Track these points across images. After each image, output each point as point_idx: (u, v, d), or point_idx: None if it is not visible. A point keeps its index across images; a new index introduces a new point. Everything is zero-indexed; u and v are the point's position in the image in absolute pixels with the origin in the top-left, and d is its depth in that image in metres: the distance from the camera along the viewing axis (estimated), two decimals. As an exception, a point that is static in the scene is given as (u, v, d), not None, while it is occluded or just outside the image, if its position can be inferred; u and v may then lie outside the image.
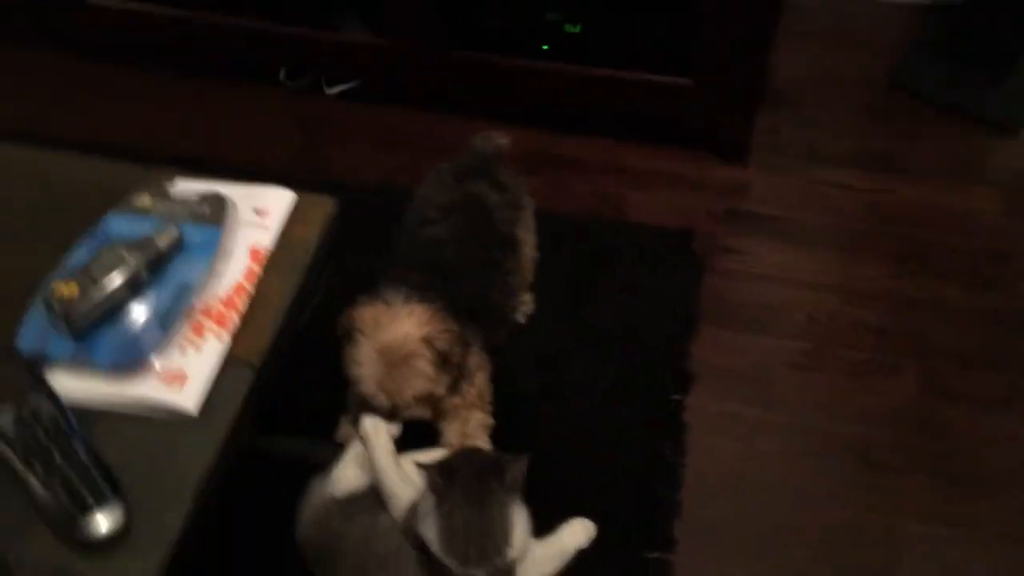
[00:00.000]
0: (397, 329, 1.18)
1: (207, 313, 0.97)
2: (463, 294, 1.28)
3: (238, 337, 0.96)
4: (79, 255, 1.00)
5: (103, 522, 0.81)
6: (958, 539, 1.37)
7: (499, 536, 0.99)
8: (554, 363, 1.58)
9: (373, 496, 1.17)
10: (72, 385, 0.92)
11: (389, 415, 1.21)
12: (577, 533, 1.20)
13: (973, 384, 1.55)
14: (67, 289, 0.95)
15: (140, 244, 0.99)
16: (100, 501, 0.82)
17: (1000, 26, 1.88)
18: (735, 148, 1.90)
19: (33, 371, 0.91)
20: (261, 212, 1.06)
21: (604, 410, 1.53)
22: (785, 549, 1.37)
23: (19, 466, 0.84)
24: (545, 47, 1.85)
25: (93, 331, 0.94)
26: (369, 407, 1.21)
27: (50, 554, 0.81)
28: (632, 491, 1.43)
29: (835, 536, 1.39)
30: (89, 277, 0.96)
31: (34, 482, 0.83)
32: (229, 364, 0.94)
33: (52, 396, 0.89)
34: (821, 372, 1.59)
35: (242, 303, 0.98)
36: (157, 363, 0.93)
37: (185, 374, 0.92)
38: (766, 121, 1.96)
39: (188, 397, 0.91)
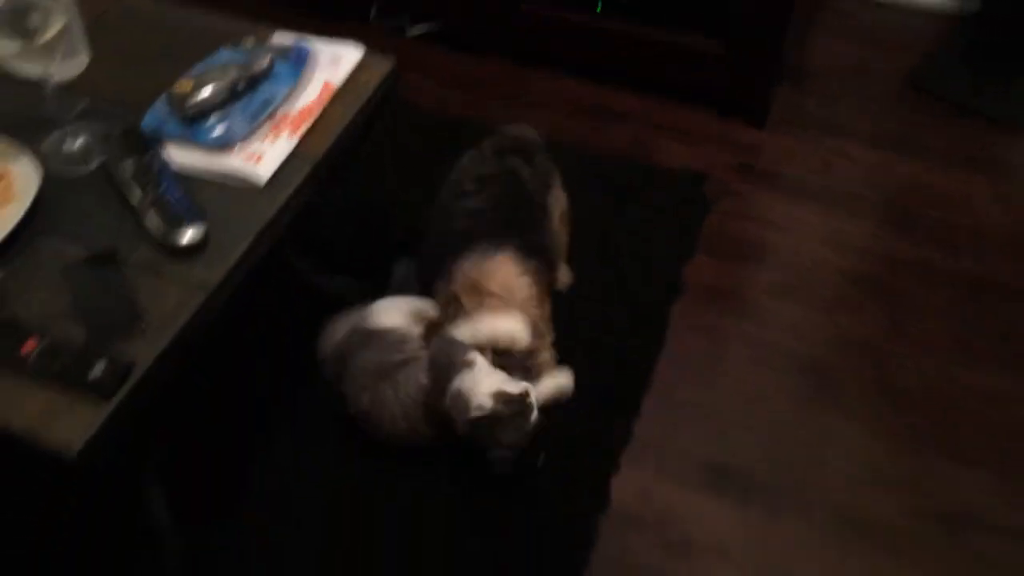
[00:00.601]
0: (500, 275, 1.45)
1: (284, 120, 1.26)
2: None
3: (304, 140, 1.25)
4: (196, 69, 1.31)
5: (188, 235, 1.11)
6: (879, 442, 1.58)
7: None
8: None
9: (392, 338, 1.46)
10: (179, 155, 1.22)
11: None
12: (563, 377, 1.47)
13: (927, 333, 1.75)
14: (183, 88, 1.26)
15: (241, 66, 1.29)
16: (189, 220, 1.11)
17: (1012, 33, 2.08)
18: (757, 113, 2.15)
19: (151, 139, 1.21)
20: (336, 60, 1.36)
21: (599, 303, 1.78)
22: (732, 434, 1.60)
23: (136, 196, 1.14)
24: (598, 8, 2.13)
25: (199, 120, 1.25)
26: None
27: (150, 256, 1.11)
28: (611, 366, 1.68)
29: (779, 429, 1.61)
30: (200, 81, 1.27)
31: (145, 206, 1.13)
32: (294, 156, 1.23)
33: (160, 154, 1.19)
34: (795, 302, 1.81)
35: (311, 119, 1.28)
36: (241, 147, 1.23)
37: (261, 156, 1.22)
38: (791, 96, 2.20)
39: (261, 171, 1.20)
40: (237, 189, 1.19)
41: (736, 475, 1.54)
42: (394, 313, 1.51)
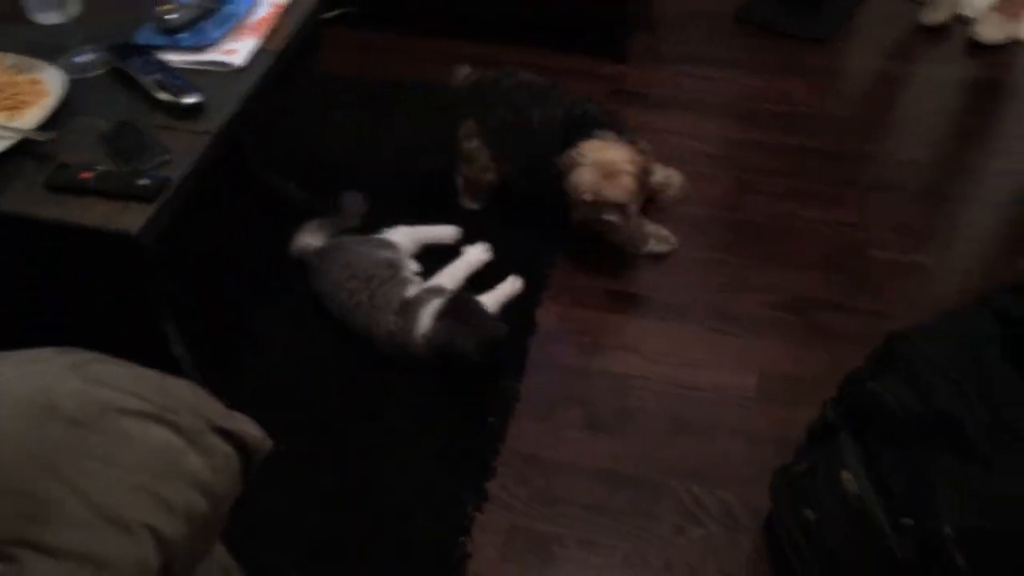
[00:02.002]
0: (613, 154, 1.82)
1: (247, 27, 1.64)
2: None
3: (266, 40, 1.63)
4: (171, -1, 1.68)
5: (191, 99, 1.46)
6: (739, 262, 2.03)
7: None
8: None
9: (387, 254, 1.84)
10: (169, 57, 1.58)
11: (591, 212, 1.84)
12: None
13: (769, 184, 2.22)
14: (165, 9, 1.63)
15: (211, -6, 1.67)
16: (189, 91, 1.47)
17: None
18: (619, 51, 2.62)
19: (144, 47, 1.57)
20: (283, -11, 1.75)
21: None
22: (629, 268, 2.00)
23: (145, 81, 1.50)
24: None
25: (179, 32, 1.62)
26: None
27: (163, 119, 1.46)
28: (532, 234, 2.08)
29: (664, 262, 2.03)
30: (178, 4, 1.64)
31: (154, 86, 1.49)
32: (261, 51, 1.60)
33: (156, 54, 1.55)
34: (665, 178, 2.25)
35: (269, 26, 1.66)
36: (217, 46, 1.60)
37: (236, 50, 1.59)
38: (644, 40, 2.69)
39: (236, 60, 1.57)
40: (221, 73, 1.55)
41: (631, 297, 1.95)
42: (401, 236, 1.90)
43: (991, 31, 2.58)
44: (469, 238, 2.01)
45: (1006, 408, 1.15)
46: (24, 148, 1.37)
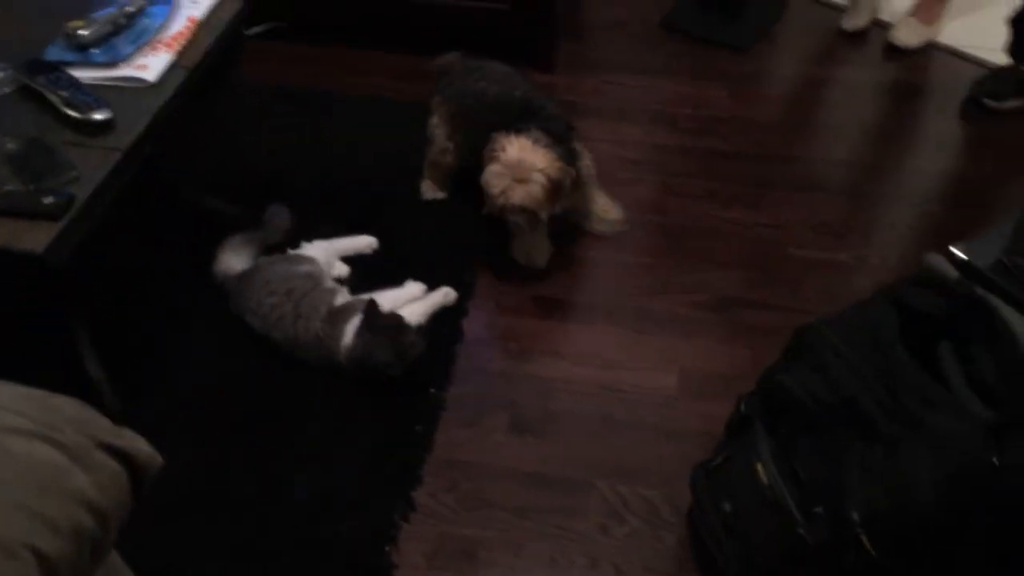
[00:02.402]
0: (531, 157, 1.79)
1: (160, 43, 1.63)
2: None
3: (180, 56, 1.62)
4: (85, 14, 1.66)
5: (100, 115, 1.45)
6: (662, 264, 2.06)
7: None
8: (405, 159, 2.26)
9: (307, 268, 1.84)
10: (80, 73, 1.57)
11: (499, 212, 1.82)
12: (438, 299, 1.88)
13: (690, 187, 2.26)
14: (75, 24, 1.62)
15: (120, 7, 1.66)
16: (99, 107, 1.46)
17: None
18: (545, 60, 2.65)
19: (55, 64, 1.56)
20: (198, 2, 1.74)
21: (434, 205, 2.20)
22: (552, 273, 2.03)
23: (54, 98, 1.48)
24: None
25: (90, 48, 1.60)
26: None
27: (73, 136, 1.45)
28: (448, 243, 2.09)
29: (586, 268, 2.06)
30: (88, 20, 1.63)
31: (62, 103, 1.47)
32: (174, 66, 1.59)
33: (66, 71, 1.54)
34: (590, 184, 2.28)
35: (183, 41, 1.65)
36: (129, 61, 1.59)
37: (148, 66, 1.58)
38: (571, 48, 2.72)
39: (148, 76, 1.56)
40: (133, 89, 1.55)
41: (556, 302, 1.97)
42: (318, 250, 1.91)
43: (908, 36, 2.66)
44: (392, 248, 2.02)
45: (904, 393, 1.19)
46: (-76, 168, 1.35)
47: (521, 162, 1.78)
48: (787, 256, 2.06)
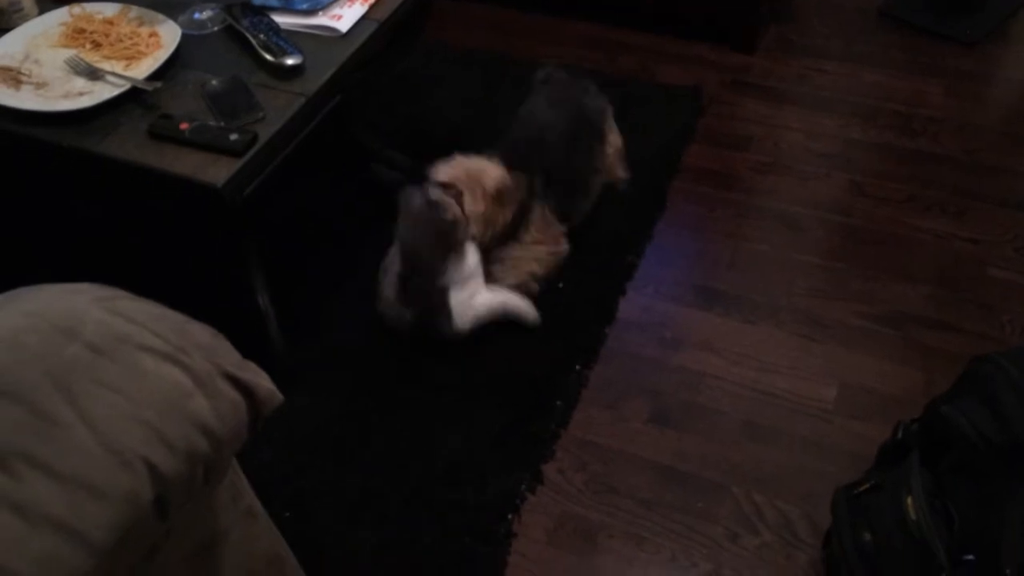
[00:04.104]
0: (479, 166, 1.77)
1: (357, -5, 1.69)
2: (549, 160, 1.80)
3: (372, 8, 1.66)
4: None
5: (291, 60, 1.52)
6: (839, 267, 1.94)
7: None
8: None
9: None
10: (281, 19, 1.64)
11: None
12: (524, 307, 1.78)
13: (883, 189, 2.10)
14: (281, -27, 1.69)
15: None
16: (292, 52, 1.53)
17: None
18: (747, 41, 2.53)
19: (259, 8, 1.64)
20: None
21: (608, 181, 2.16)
22: (718, 267, 1.95)
23: (254, 40, 1.56)
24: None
25: (293, -3, 1.68)
26: None
27: (265, 77, 1.52)
28: (620, 223, 2.05)
29: (756, 262, 1.97)
30: (294, -31, 1.70)
31: (260, 45, 1.55)
32: (365, 18, 1.64)
33: (268, 16, 1.61)
34: (775, 175, 2.17)
35: (377, -5, 1.69)
36: (325, 11, 1.65)
37: (341, 16, 1.63)
38: (776, 31, 2.58)
39: (341, 25, 1.61)
40: (325, 38, 1.60)
41: (720, 294, 1.89)
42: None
43: None
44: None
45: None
46: (134, 96, 1.46)
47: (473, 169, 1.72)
48: (985, 276, 1.88)
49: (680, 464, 1.60)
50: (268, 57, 1.53)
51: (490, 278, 1.78)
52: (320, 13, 1.63)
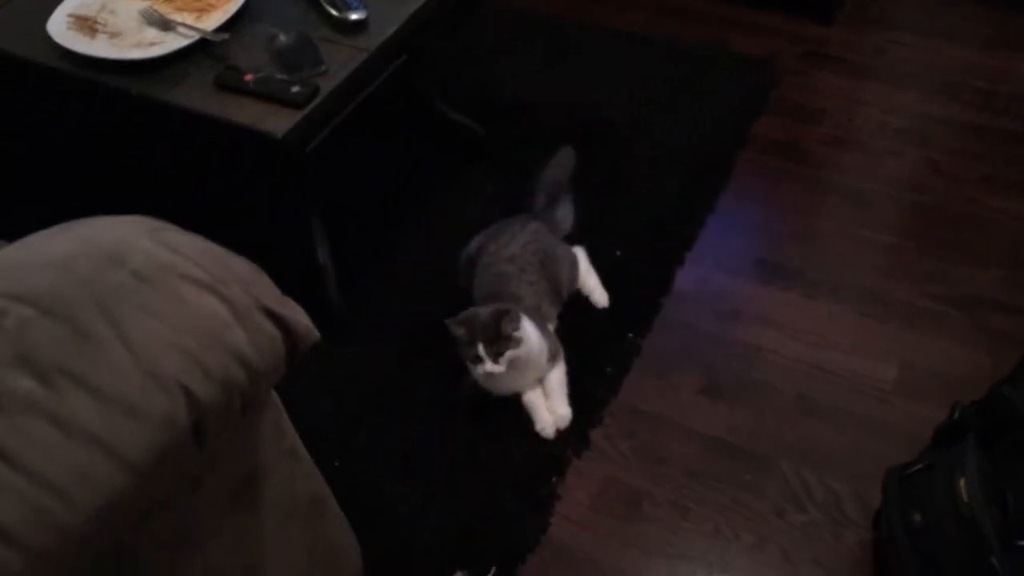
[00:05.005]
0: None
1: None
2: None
3: (439, -33, 1.66)
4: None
5: (356, 15, 1.53)
6: (908, 246, 1.87)
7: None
8: (656, 101, 2.22)
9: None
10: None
11: None
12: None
13: (960, 168, 2.02)
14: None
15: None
16: (357, 7, 1.54)
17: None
18: (825, 11, 2.46)
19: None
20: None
21: (673, 150, 2.13)
22: (781, 240, 1.92)
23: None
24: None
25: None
26: None
27: (329, 32, 1.53)
28: (681, 192, 2.02)
29: (821, 236, 1.92)
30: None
31: (325, 2, 1.56)
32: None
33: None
34: (845, 150, 2.11)
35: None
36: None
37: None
38: (856, 2, 2.50)
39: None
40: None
41: (781, 268, 1.85)
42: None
43: None
44: (626, 189, 1.97)
45: None
46: (203, 47, 1.49)
47: None
48: (1064, 262, 1.80)
49: (729, 437, 1.58)
50: (333, 12, 1.54)
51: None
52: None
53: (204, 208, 1.77)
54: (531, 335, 1.53)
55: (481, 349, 1.47)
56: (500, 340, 1.47)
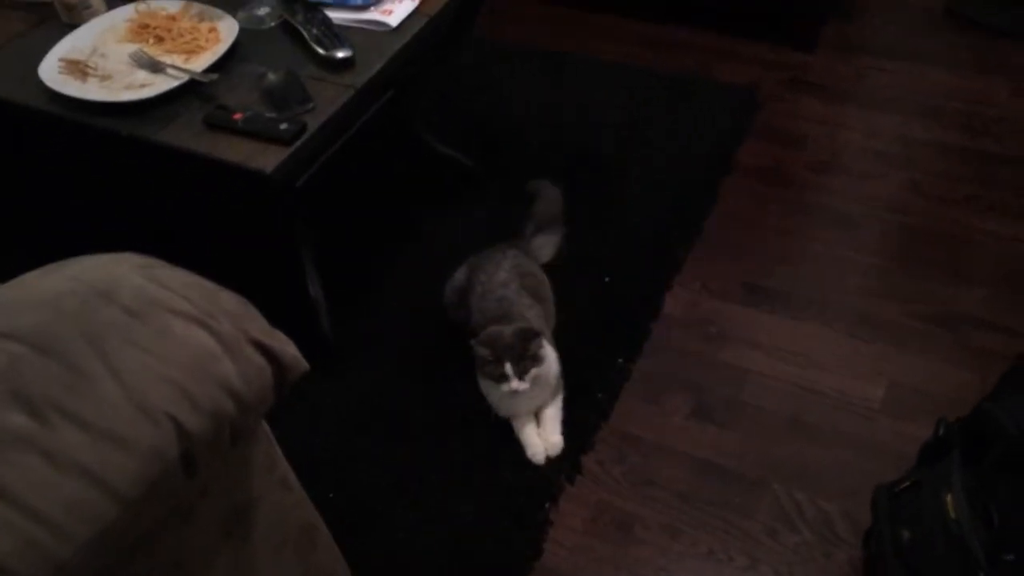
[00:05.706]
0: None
1: (408, -9, 1.73)
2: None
3: (423, 3, 1.70)
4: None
5: (341, 53, 1.56)
6: (894, 267, 1.90)
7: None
8: (641, 128, 2.27)
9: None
10: (334, 15, 1.68)
11: None
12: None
13: (943, 189, 2.05)
14: (337, -30, 1.74)
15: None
16: (342, 45, 1.57)
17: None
18: (806, 39, 2.50)
19: (317, 6, 1.69)
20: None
21: (662, 172, 2.16)
22: (767, 263, 1.94)
23: (306, 33, 1.61)
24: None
25: (347, -7, 1.72)
26: None
27: (316, 70, 1.56)
28: (669, 217, 2.05)
29: (807, 258, 1.94)
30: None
31: (312, 39, 1.60)
32: (416, 13, 1.67)
33: (322, 11, 1.66)
34: (829, 173, 2.14)
35: (429, -9, 1.73)
36: (377, 7, 1.69)
37: (391, 11, 1.67)
38: (835, 29, 2.55)
39: (391, 20, 1.65)
40: (375, 32, 1.64)
41: (768, 291, 1.87)
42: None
43: None
44: (614, 216, 2.00)
45: None
46: (193, 88, 1.52)
47: None
48: (1046, 279, 1.82)
49: (720, 459, 1.59)
50: (320, 50, 1.58)
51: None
52: (372, 8, 1.67)
53: (196, 244, 1.80)
54: (550, 353, 1.57)
55: (508, 368, 1.49)
56: (526, 358, 1.50)
